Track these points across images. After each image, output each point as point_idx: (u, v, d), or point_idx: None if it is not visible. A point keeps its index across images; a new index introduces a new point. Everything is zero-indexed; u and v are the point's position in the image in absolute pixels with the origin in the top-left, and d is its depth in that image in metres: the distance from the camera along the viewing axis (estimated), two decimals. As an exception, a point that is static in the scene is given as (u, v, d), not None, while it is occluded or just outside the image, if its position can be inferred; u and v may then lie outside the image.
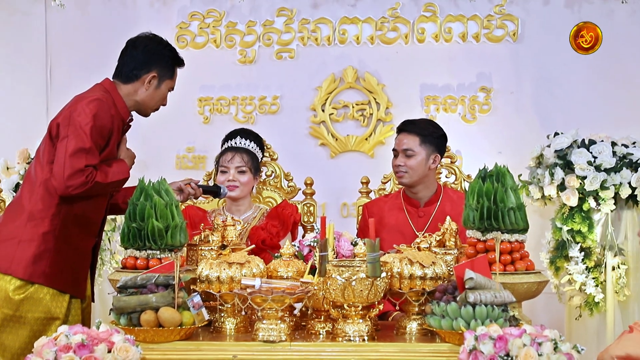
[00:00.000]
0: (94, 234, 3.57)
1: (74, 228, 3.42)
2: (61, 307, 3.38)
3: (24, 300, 3.36)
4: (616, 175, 4.80)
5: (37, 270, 3.35)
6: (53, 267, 3.36)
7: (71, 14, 4.99)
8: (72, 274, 3.44)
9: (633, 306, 4.88)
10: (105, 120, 3.39)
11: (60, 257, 3.38)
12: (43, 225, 3.39)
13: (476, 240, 3.32)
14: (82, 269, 3.53)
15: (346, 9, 5.45)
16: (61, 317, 3.37)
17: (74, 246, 3.44)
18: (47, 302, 3.36)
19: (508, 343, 2.75)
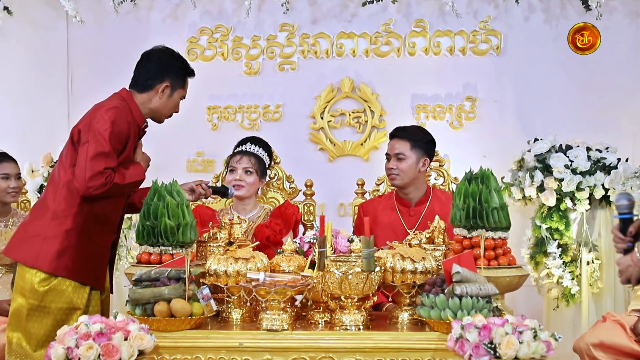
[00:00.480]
0: (112, 231, 3.56)
1: (95, 226, 3.42)
2: (82, 298, 3.38)
3: (48, 291, 3.36)
4: (591, 177, 4.81)
5: (61, 265, 3.36)
6: (75, 261, 3.37)
7: (90, 29, 4.99)
8: (92, 268, 3.44)
9: (606, 298, 4.89)
10: (122, 127, 3.39)
11: (81, 253, 3.38)
12: (66, 223, 3.39)
13: (462, 237, 3.32)
14: (101, 263, 3.53)
15: (343, 25, 5.45)
16: (82, 307, 3.37)
17: (94, 242, 3.44)
18: (69, 293, 3.36)
19: (492, 332, 2.75)
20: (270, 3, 5.39)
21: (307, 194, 4.36)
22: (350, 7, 5.43)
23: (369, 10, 5.34)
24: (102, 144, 3.32)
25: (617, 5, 5.27)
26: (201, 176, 4.80)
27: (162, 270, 3.10)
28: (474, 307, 2.91)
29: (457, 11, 5.17)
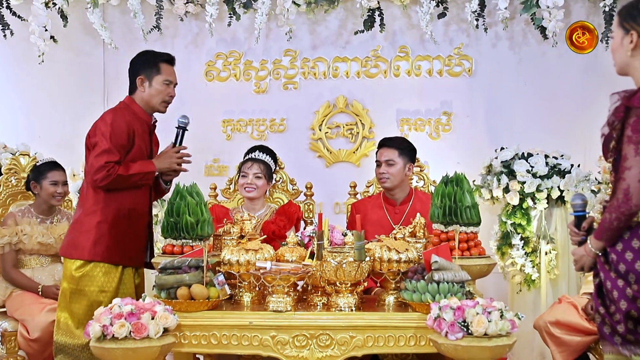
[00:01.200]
0: (144, 216, 3.57)
1: (125, 216, 3.45)
2: (112, 282, 3.41)
3: (82, 277, 3.38)
4: (548, 180, 4.82)
5: (98, 252, 3.40)
6: (110, 247, 3.41)
7: (123, 54, 4.98)
8: (126, 250, 3.47)
9: (561, 283, 4.89)
10: (120, 125, 3.42)
11: (113, 240, 3.42)
12: (96, 216, 3.41)
13: (440, 231, 3.33)
14: (137, 244, 3.54)
15: (338, 50, 5.45)
16: (111, 290, 3.40)
17: (126, 229, 3.46)
18: (100, 278, 3.38)
19: (465, 312, 2.75)
20: (276, 31, 5.40)
21: (307, 194, 4.35)
22: (344, 35, 5.44)
23: (360, 38, 5.34)
24: (104, 142, 3.37)
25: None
26: (216, 179, 4.83)
27: (183, 259, 3.10)
28: (450, 291, 2.92)
29: (435, 39, 5.17)
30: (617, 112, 2.52)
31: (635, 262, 2.48)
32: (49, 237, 4.10)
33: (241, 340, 2.96)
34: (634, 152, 2.44)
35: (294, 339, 2.95)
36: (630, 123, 2.46)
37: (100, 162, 3.33)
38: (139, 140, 3.49)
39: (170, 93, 3.61)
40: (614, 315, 2.52)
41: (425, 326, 2.85)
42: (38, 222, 4.16)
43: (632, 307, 2.47)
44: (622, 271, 2.50)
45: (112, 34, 5.12)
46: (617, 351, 2.55)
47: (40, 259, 4.17)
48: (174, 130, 3.74)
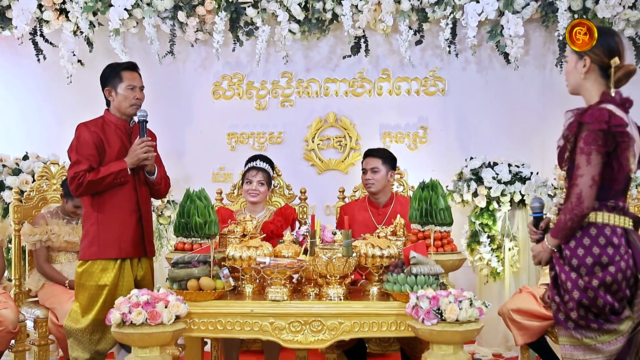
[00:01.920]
0: (133, 212, 3.42)
1: (110, 216, 3.36)
2: (108, 277, 3.34)
3: (82, 273, 3.36)
4: (511, 186, 4.84)
5: (93, 252, 3.36)
6: (103, 245, 3.34)
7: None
8: (118, 246, 3.36)
9: (522, 275, 4.92)
10: (85, 136, 3.33)
11: (106, 238, 3.35)
12: (89, 221, 3.39)
13: (417, 230, 3.34)
14: (130, 238, 3.40)
15: (329, 72, 5.46)
16: (109, 284, 3.34)
17: (115, 228, 3.36)
18: (97, 274, 3.34)
19: (439, 301, 2.75)
20: (274, 56, 5.40)
21: (301, 198, 4.35)
22: (333, 60, 5.45)
23: (347, 62, 5.35)
24: (73, 155, 3.33)
25: (529, 60, 5.31)
26: (222, 185, 4.81)
27: (193, 255, 3.10)
28: (426, 282, 2.92)
29: (412, 63, 5.17)
30: (571, 127, 2.53)
31: (586, 257, 2.49)
32: (74, 236, 4.09)
33: (243, 326, 2.95)
34: (585, 162, 2.46)
35: (289, 325, 2.94)
36: (582, 137, 2.47)
37: (71, 174, 3.29)
38: (113, 145, 3.37)
39: (136, 96, 3.42)
40: (567, 304, 2.52)
41: (404, 313, 2.85)
42: (65, 223, 4.15)
43: (583, 297, 2.48)
44: (574, 265, 2.50)
45: (131, 58, 5.08)
46: (570, 335, 2.55)
47: (67, 256, 4.16)
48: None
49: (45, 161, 4.99)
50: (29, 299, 4.17)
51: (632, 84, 2.64)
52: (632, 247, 2.50)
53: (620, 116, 2.46)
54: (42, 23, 5.31)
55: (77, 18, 5.17)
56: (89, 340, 3.35)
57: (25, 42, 5.30)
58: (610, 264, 2.46)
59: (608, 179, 2.49)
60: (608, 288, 2.45)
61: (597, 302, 2.46)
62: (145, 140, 3.36)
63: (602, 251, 2.47)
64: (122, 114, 3.44)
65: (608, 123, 2.43)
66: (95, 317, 3.33)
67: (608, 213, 2.51)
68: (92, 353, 3.37)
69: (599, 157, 2.45)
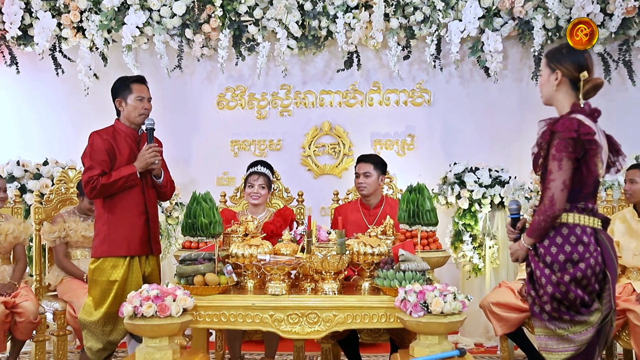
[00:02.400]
0: (141, 214, 3.40)
1: (121, 218, 3.35)
2: (118, 273, 3.33)
3: (94, 269, 3.35)
4: (491, 189, 4.86)
5: (104, 250, 3.35)
6: (113, 244, 3.33)
7: (151, 88, 4.96)
8: (127, 244, 3.35)
9: (501, 271, 4.94)
10: (98, 143, 3.32)
11: (115, 237, 3.34)
12: (101, 221, 3.37)
13: (405, 230, 3.32)
14: (138, 237, 3.39)
15: (324, 85, 5.47)
16: (119, 279, 3.32)
17: (122, 227, 3.35)
18: (107, 271, 3.33)
19: (425, 295, 2.75)
20: (274, 69, 5.40)
21: (299, 200, 4.35)
22: (328, 73, 5.46)
23: (341, 75, 5.36)
24: (86, 161, 3.32)
25: (507, 74, 5.33)
26: (225, 188, 4.80)
27: (199, 253, 3.09)
28: (414, 278, 2.91)
29: (401, 76, 5.20)
30: (544, 136, 2.54)
31: (559, 254, 2.49)
32: (90, 232, 4.07)
33: (245, 318, 2.95)
34: (557, 167, 2.47)
35: (288, 317, 2.93)
36: (554, 144, 2.48)
37: (85, 178, 3.28)
38: (123, 151, 3.37)
39: (144, 106, 3.42)
40: (542, 297, 2.53)
41: (394, 306, 2.84)
42: (81, 220, 4.15)
43: (556, 291, 2.48)
44: (548, 262, 2.51)
45: (142, 72, 5.09)
46: (544, 326, 2.56)
47: (84, 252, 4.14)
48: None
49: (63, 166, 5.01)
50: (49, 293, 4.17)
51: (600, 96, 2.66)
52: (600, 245, 2.51)
53: (589, 125, 2.48)
54: (61, 40, 5.33)
55: (93, 35, 5.19)
56: (102, 332, 3.34)
57: (45, 58, 5.35)
58: (580, 261, 2.46)
59: (578, 182, 2.50)
60: (579, 283, 2.46)
61: (569, 296, 2.46)
62: (153, 146, 3.36)
63: (573, 249, 2.48)
64: (131, 122, 3.43)
65: (577, 132, 2.44)
66: (107, 310, 3.32)
67: (578, 214, 2.51)
68: (105, 343, 3.37)
69: (569, 163, 2.46)
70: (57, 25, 5.23)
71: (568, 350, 2.52)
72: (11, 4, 5.18)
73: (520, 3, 4.95)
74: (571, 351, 2.52)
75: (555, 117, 2.57)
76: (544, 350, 2.58)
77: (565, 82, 2.57)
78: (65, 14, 5.22)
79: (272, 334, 3.16)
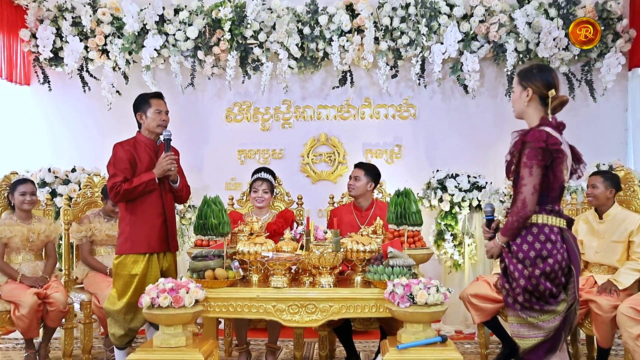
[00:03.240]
0: (158, 217, 3.38)
1: (141, 220, 3.34)
2: (139, 268, 3.31)
3: (118, 264, 3.34)
4: (469, 194, 4.86)
5: (127, 247, 3.33)
6: (134, 242, 3.32)
7: (168, 102, 5.00)
8: (147, 243, 3.33)
9: (479, 266, 4.93)
10: (121, 153, 3.32)
11: (133, 237, 3.33)
12: (124, 222, 3.36)
13: (394, 230, 3.32)
14: (153, 237, 3.35)
15: (321, 100, 5.46)
16: (139, 273, 3.30)
17: (145, 228, 3.33)
18: (129, 265, 3.31)
19: (411, 287, 2.75)
20: (276, 87, 5.40)
21: (298, 203, 4.33)
22: (325, 90, 5.45)
23: (336, 91, 5.36)
24: (111, 169, 3.31)
25: (483, 91, 5.33)
26: (233, 193, 4.80)
27: (209, 250, 3.09)
28: (401, 272, 2.91)
29: (389, 93, 5.21)
30: (516, 145, 2.55)
31: (530, 251, 2.50)
32: (113, 231, 4.07)
33: (250, 309, 2.95)
34: (528, 173, 2.48)
35: (288, 307, 2.93)
36: (525, 153, 2.49)
37: (109, 184, 3.28)
38: (143, 160, 3.36)
39: (162, 118, 3.42)
40: (515, 290, 2.53)
41: (383, 298, 2.84)
42: (105, 221, 4.14)
43: (528, 284, 2.48)
44: (520, 258, 2.51)
45: (159, 88, 5.09)
46: (517, 315, 2.56)
47: (107, 249, 4.14)
48: None
49: (89, 173, 5.02)
50: (76, 286, 4.15)
51: (565, 111, 2.66)
52: (566, 243, 2.52)
53: (555, 136, 2.49)
54: (88, 61, 5.36)
55: (116, 57, 5.21)
56: (124, 319, 3.33)
57: (74, 77, 5.38)
58: (549, 257, 2.47)
59: (546, 187, 2.51)
60: (547, 276, 2.46)
61: (539, 288, 2.46)
62: (169, 155, 3.35)
63: (542, 246, 2.48)
64: (150, 132, 3.43)
65: (546, 142, 2.45)
66: (129, 300, 3.31)
67: (547, 215, 2.52)
68: (126, 330, 3.36)
69: (539, 170, 2.47)
70: (84, 48, 5.27)
71: (538, 337, 2.52)
72: (44, 30, 5.26)
73: (495, 28, 4.99)
74: (541, 337, 2.52)
75: (526, 129, 2.58)
76: (517, 337, 2.57)
77: (535, 98, 2.58)
78: (91, 38, 5.25)
79: (274, 323, 3.15)
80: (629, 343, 3.18)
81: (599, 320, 3.39)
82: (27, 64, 5.48)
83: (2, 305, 3.69)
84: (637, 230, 3.55)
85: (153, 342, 2.81)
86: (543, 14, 4.98)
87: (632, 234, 3.56)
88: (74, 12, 5.32)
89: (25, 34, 5.31)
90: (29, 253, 3.94)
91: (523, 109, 2.62)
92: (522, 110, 2.63)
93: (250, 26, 5.05)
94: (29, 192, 3.94)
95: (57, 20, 5.31)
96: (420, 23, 4.99)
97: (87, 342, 3.99)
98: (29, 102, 5.54)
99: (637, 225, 3.56)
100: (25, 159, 5.29)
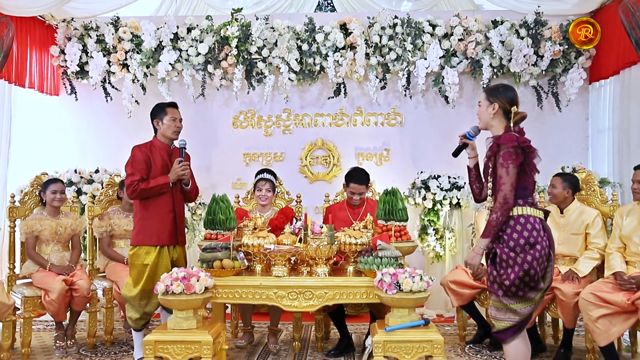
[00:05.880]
0: (168, 213, 3.33)
1: (153, 215, 3.30)
2: (150, 258, 3.26)
3: (132, 255, 3.31)
4: (450, 193, 4.84)
5: (140, 239, 3.29)
6: (147, 235, 3.28)
7: (181, 110, 4.97)
8: (157, 236, 3.28)
9: (458, 257, 4.92)
10: (138, 155, 3.28)
11: (148, 230, 3.28)
12: (137, 216, 3.33)
13: (382, 225, 3.31)
14: (164, 231, 3.29)
15: (318, 109, 5.44)
16: (150, 263, 3.25)
17: (153, 222, 3.29)
18: (142, 256, 3.27)
19: (398, 276, 2.72)
20: (278, 97, 5.37)
21: (297, 201, 4.31)
22: (321, 100, 5.42)
23: (331, 101, 5.34)
24: (129, 169, 3.28)
25: (462, 101, 5.32)
26: (239, 192, 4.77)
27: (217, 243, 3.07)
28: (389, 263, 2.89)
29: (379, 102, 5.20)
30: (492, 148, 2.57)
31: (520, 239, 2.49)
32: (131, 226, 4.04)
33: (254, 295, 2.92)
34: (505, 173, 2.49)
35: (288, 294, 2.91)
36: (500, 154, 2.51)
37: (127, 182, 3.24)
38: (157, 162, 3.33)
39: (177, 125, 3.39)
40: (502, 276, 2.50)
41: (373, 286, 2.82)
42: (124, 217, 4.11)
43: (521, 269, 2.47)
44: (512, 246, 2.49)
45: (173, 98, 5.06)
46: (499, 300, 2.54)
47: (126, 242, 4.11)
48: None
49: (110, 174, 4.99)
50: (99, 274, 4.13)
51: (534, 119, 2.80)
52: (546, 231, 2.53)
53: (524, 137, 2.54)
54: (110, 74, 5.34)
55: (135, 70, 5.18)
56: (139, 304, 3.30)
57: (97, 88, 5.36)
58: (536, 243, 2.47)
59: (524, 181, 2.53)
60: (537, 261, 2.46)
61: (530, 273, 2.46)
62: (183, 162, 3.34)
63: (530, 234, 2.48)
64: (165, 138, 3.41)
65: (517, 141, 2.49)
66: (143, 287, 3.27)
67: (529, 207, 2.53)
68: (141, 314, 3.32)
69: (515, 169, 2.49)
70: (107, 62, 5.27)
71: (512, 321, 2.53)
72: (72, 46, 5.28)
73: (472, 46, 5.00)
74: (515, 321, 2.52)
75: (498, 135, 2.59)
76: (494, 319, 2.56)
77: (500, 112, 2.63)
78: (113, 54, 5.24)
79: (275, 308, 3.13)
80: (589, 325, 3.20)
81: (563, 305, 3.38)
82: (57, 77, 5.45)
83: (34, 291, 3.67)
84: (592, 223, 3.59)
85: (167, 325, 2.79)
86: (514, 33, 5.01)
87: (589, 227, 3.59)
88: (98, 31, 5.31)
89: (55, 50, 5.31)
90: (57, 245, 3.92)
91: (489, 120, 2.65)
92: (488, 122, 2.66)
93: (254, 43, 5.04)
94: (59, 191, 3.92)
95: (83, 38, 5.30)
96: (406, 41, 4.99)
97: (109, 324, 3.96)
98: (58, 110, 5.51)
99: (592, 219, 3.59)
100: (54, 161, 5.25)
